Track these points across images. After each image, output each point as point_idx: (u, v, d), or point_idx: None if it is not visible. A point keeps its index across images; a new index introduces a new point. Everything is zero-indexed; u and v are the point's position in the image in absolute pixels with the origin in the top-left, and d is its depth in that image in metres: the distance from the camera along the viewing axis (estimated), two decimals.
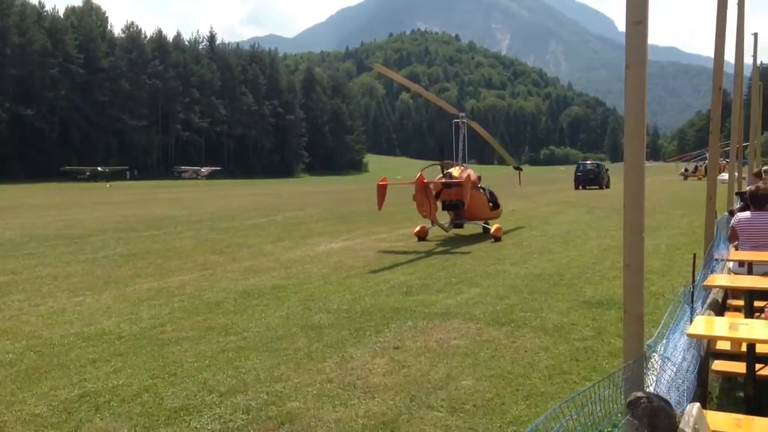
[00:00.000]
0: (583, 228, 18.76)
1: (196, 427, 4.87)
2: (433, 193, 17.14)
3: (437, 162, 19.28)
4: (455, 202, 17.42)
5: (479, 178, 18.47)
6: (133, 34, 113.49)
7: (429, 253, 14.14)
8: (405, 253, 14.25)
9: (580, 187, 46.97)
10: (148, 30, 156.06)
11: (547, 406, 5.04)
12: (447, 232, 17.79)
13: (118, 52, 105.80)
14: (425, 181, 16.78)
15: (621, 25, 3.33)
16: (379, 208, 17.49)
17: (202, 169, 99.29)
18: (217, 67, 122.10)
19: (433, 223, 17.23)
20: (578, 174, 48.88)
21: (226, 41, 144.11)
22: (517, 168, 24.59)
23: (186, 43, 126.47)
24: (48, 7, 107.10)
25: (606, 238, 15.90)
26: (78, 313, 8.58)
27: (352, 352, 6.68)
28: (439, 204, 17.68)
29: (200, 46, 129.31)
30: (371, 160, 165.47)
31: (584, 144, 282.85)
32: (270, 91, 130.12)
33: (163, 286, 10.43)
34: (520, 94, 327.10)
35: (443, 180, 17.58)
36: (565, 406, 2.70)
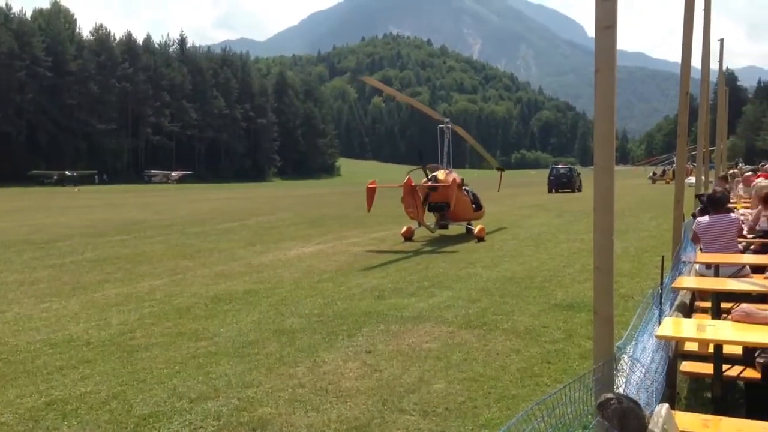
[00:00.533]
0: (553, 231, 18.91)
1: None
2: (421, 196, 17.38)
3: (422, 166, 19.65)
4: (441, 204, 17.92)
5: (463, 180, 19.07)
6: (102, 36, 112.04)
7: (401, 257, 14.14)
8: (377, 256, 14.25)
9: (554, 190, 47.91)
10: (118, 32, 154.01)
11: (518, 409, 5.07)
12: (433, 233, 18.38)
13: (87, 54, 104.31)
14: (413, 184, 17.08)
15: (590, 30, 3.36)
16: (369, 210, 17.95)
17: (173, 173, 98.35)
18: (188, 70, 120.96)
19: (419, 224, 17.66)
20: (551, 178, 49.78)
21: (197, 44, 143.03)
22: (500, 169, 25.30)
23: (156, 46, 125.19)
24: (15, 9, 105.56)
25: (576, 242, 16.04)
26: (45, 319, 8.43)
27: (325, 356, 6.66)
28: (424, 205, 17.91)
29: (171, 50, 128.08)
30: (344, 164, 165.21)
31: (555, 148, 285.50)
32: (242, 95, 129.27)
33: (132, 292, 10.31)
34: (492, 99, 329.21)
35: (429, 183, 18.05)
36: (536, 408, 2.72)
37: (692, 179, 17.92)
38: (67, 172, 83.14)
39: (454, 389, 5.60)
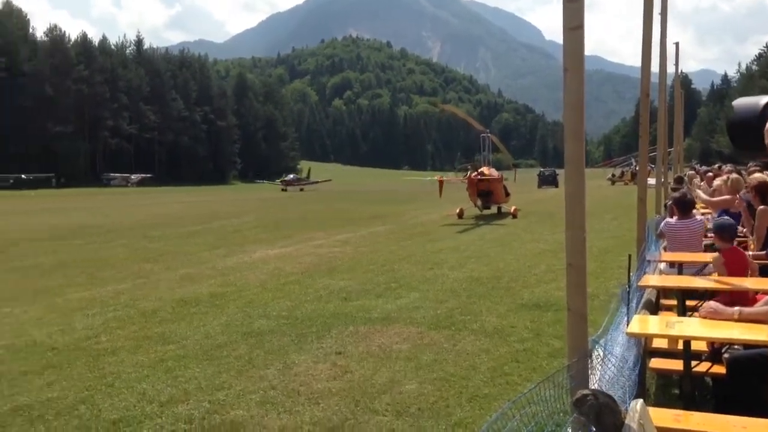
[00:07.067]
0: (518, 232, 19.11)
1: None
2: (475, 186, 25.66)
3: (469, 164, 29.87)
4: (488, 191, 25.86)
5: (501, 175, 27.36)
6: (56, 37, 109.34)
7: (366, 259, 14.11)
8: (342, 259, 14.22)
9: (542, 186, 64.42)
10: (72, 33, 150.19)
11: (491, 408, 5.12)
12: (481, 211, 25.98)
13: (41, 56, 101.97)
14: (472, 177, 25.81)
15: (548, 33, 3.39)
16: (440, 197, 28.54)
17: (132, 177, 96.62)
18: (145, 72, 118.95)
19: (474, 205, 25.83)
20: (540, 177, 69.46)
21: (155, 46, 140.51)
22: (514, 165, 36.16)
23: (112, 47, 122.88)
24: None
25: (540, 242, 16.23)
26: (6, 324, 8.24)
27: (295, 358, 6.63)
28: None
29: (127, 51, 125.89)
30: (305, 167, 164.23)
31: (515, 150, 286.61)
32: (201, 97, 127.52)
33: (96, 296, 10.13)
34: (452, 101, 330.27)
35: (479, 177, 25.86)
36: (510, 407, 2.75)
37: (652, 180, 18.28)
38: (23, 176, 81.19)
39: (425, 389, 5.63)
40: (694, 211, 7.78)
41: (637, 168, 9.51)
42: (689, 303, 5.81)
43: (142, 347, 7.12)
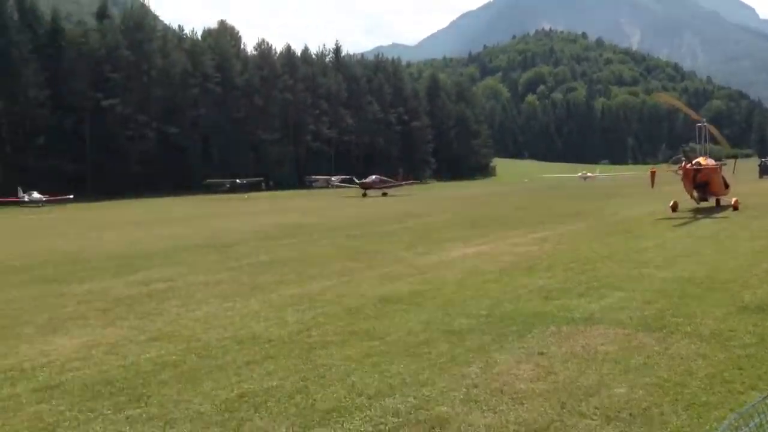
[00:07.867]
0: (733, 228, 17.65)
1: (349, 429, 5.02)
2: (691, 178, 23.39)
3: (681, 155, 28.35)
4: (704, 182, 23.97)
5: (721, 166, 25.60)
6: (264, 51, 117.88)
7: (566, 257, 13.71)
8: (540, 257, 13.94)
9: (765, 176, 63.38)
10: (278, 45, 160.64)
11: (710, 417, 4.80)
12: (698, 204, 24.19)
13: (251, 69, 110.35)
14: (688, 168, 23.38)
15: (763, 13, 3.04)
16: (652, 187, 25.37)
17: (333, 178, 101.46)
18: (343, 78, 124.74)
19: (691, 197, 23.91)
20: (762, 167, 68.24)
21: (351, 52, 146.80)
22: (733, 156, 34.59)
23: (313, 56, 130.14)
24: (187, 30, 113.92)
25: (760, 239, 14.89)
26: (230, 317, 9.02)
27: (496, 357, 6.62)
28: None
29: (327, 59, 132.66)
30: (499, 164, 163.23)
31: (729, 140, 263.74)
32: (395, 99, 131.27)
33: (305, 292, 10.77)
34: (655, 90, 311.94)
35: (694, 167, 23.54)
36: (737, 418, 2.57)
37: None
38: (237, 180, 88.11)
39: (636, 394, 5.38)
40: None
41: None
42: None
43: (348, 342, 7.46)
